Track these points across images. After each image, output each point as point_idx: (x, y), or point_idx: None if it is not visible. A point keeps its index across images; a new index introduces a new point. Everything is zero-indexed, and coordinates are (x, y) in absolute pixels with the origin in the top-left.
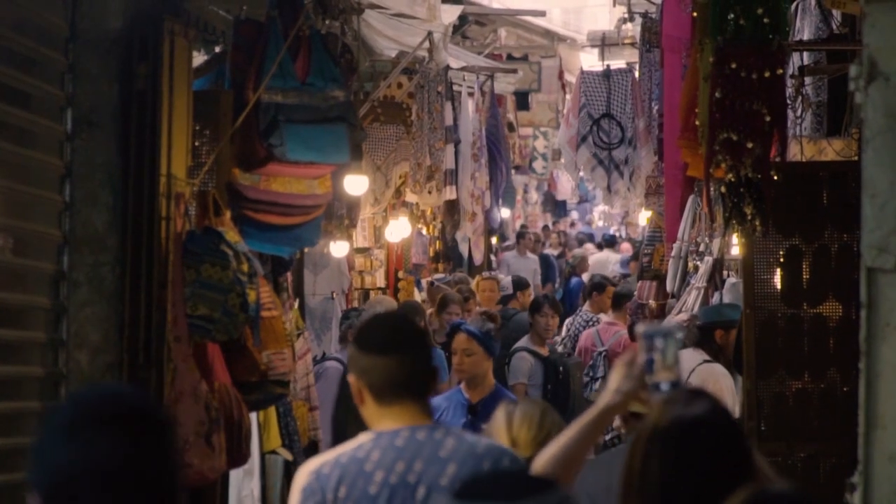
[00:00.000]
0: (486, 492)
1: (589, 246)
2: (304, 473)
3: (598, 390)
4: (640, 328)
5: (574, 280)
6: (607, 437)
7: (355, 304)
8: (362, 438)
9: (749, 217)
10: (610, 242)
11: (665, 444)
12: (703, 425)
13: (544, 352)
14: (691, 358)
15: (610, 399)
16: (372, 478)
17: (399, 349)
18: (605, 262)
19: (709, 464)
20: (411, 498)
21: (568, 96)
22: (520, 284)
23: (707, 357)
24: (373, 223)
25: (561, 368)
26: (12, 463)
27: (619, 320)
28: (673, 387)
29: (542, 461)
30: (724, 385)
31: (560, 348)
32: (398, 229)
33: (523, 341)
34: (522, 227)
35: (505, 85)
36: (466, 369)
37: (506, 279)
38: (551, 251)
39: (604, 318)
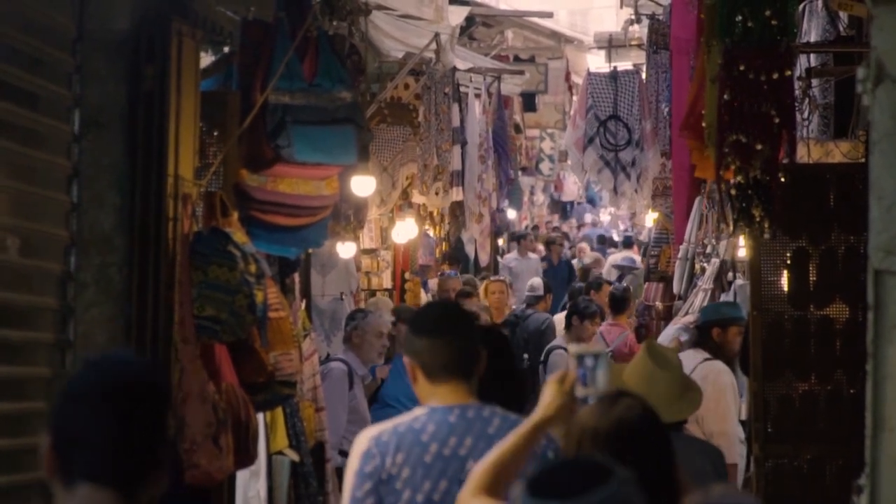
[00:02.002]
0: (556, 488)
1: (584, 246)
2: (364, 439)
3: None
4: (573, 349)
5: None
6: None
7: (362, 304)
8: (417, 412)
9: (757, 219)
10: (627, 243)
11: (595, 442)
12: (628, 423)
13: None
14: (692, 357)
15: (543, 414)
16: (427, 448)
17: (448, 332)
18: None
19: (635, 457)
20: (461, 470)
21: (574, 98)
22: (550, 287)
23: (707, 356)
24: (379, 224)
25: None
26: (20, 463)
27: (620, 322)
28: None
29: (478, 472)
30: (725, 381)
31: None
32: (405, 230)
33: (559, 340)
34: (534, 227)
35: (512, 86)
36: None
37: (535, 280)
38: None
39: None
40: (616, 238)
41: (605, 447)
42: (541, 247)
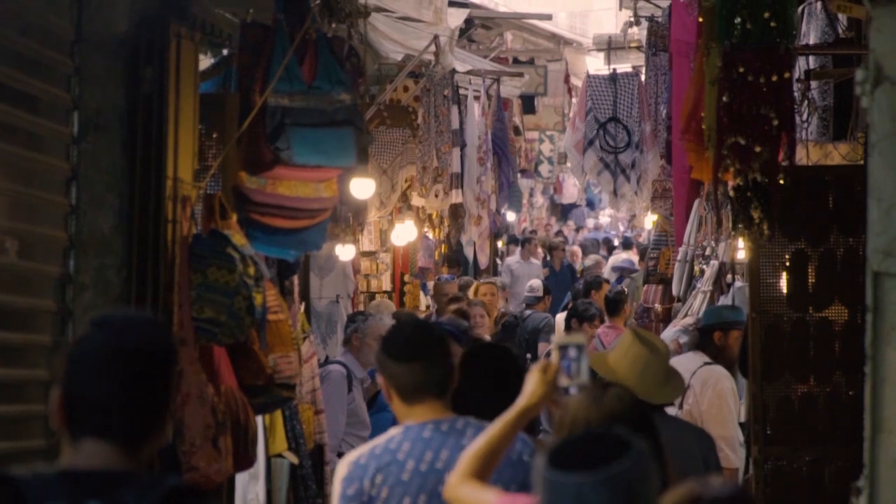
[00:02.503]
0: (578, 461)
1: (576, 249)
2: (344, 464)
3: None
4: (557, 340)
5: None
6: None
7: (361, 307)
8: (393, 432)
9: (756, 221)
10: (626, 245)
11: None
12: (619, 414)
13: None
14: (692, 360)
15: (527, 402)
16: (404, 466)
17: (421, 357)
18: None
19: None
20: (439, 482)
21: (574, 100)
22: (549, 288)
23: (707, 359)
24: (379, 226)
25: None
26: (20, 465)
27: (617, 324)
28: (581, 390)
29: (466, 458)
30: (725, 386)
31: None
32: (404, 233)
33: None
34: (532, 231)
35: (511, 88)
36: None
37: (535, 281)
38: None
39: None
40: (616, 242)
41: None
42: (540, 251)
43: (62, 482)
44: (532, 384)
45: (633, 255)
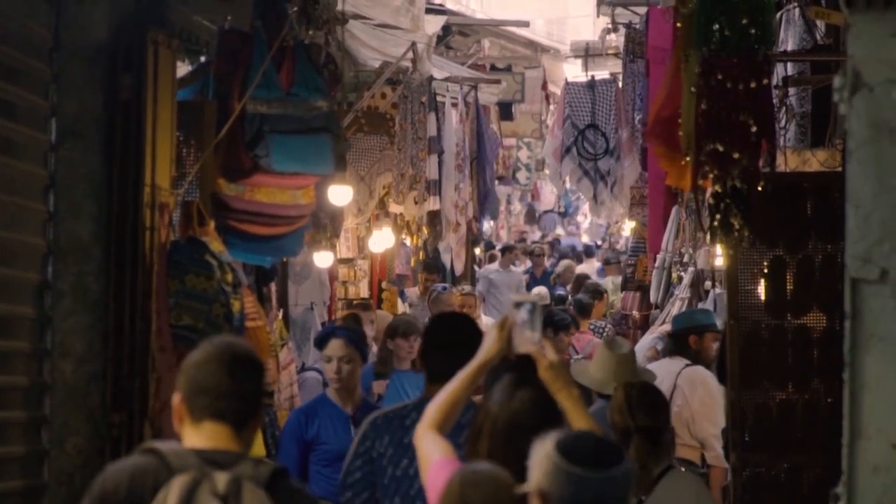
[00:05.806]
0: (592, 460)
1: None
2: (366, 422)
3: None
4: (514, 297)
5: (558, 290)
6: None
7: (338, 314)
8: (412, 400)
9: (737, 228)
10: (589, 253)
11: (493, 430)
12: (523, 417)
13: None
14: (673, 364)
15: (485, 356)
16: (409, 431)
17: (459, 348)
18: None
19: (525, 447)
20: None
21: (552, 107)
22: (564, 298)
23: (688, 361)
24: (356, 233)
25: None
26: (1, 472)
27: (584, 330)
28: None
29: (432, 408)
30: (713, 385)
31: None
32: (382, 240)
33: None
34: (520, 240)
35: (488, 95)
36: (345, 377)
37: (542, 289)
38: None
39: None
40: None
41: (502, 435)
42: (524, 259)
43: (193, 456)
44: (490, 338)
45: (598, 264)
